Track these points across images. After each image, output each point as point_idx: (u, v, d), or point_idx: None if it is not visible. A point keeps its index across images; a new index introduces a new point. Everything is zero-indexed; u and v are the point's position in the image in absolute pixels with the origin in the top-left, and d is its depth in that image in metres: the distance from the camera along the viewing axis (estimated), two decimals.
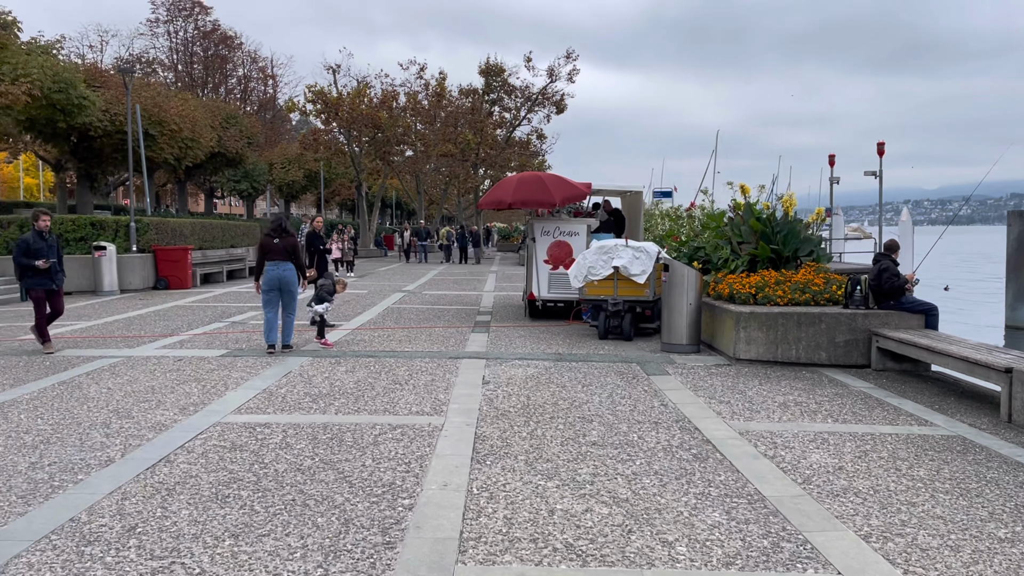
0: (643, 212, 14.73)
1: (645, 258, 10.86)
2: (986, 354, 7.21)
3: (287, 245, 9.84)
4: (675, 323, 9.94)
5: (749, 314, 9.23)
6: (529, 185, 12.60)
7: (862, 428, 6.39)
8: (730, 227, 11.15)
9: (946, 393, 7.89)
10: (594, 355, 9.82)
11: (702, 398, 7.45)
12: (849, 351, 9.16)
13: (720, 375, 8.61)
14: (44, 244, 9.70)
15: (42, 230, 9.73)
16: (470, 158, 42.58)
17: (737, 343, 9.29)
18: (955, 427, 6.48)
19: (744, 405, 7.17)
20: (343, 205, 70.75)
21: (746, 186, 11.17)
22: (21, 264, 9.60)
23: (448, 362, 9.23)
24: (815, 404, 7.25)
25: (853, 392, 7.82)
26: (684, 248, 12.32)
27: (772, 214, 10.86)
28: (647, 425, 6.38)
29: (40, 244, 9.65)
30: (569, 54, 42.87)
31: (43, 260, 9.57)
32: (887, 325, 9.10)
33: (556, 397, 7.39)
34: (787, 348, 9.20)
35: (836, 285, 9.85)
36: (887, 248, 9.60)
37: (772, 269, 10.50)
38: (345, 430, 6.14)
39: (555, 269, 13.00)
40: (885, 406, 7.21)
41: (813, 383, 8.26)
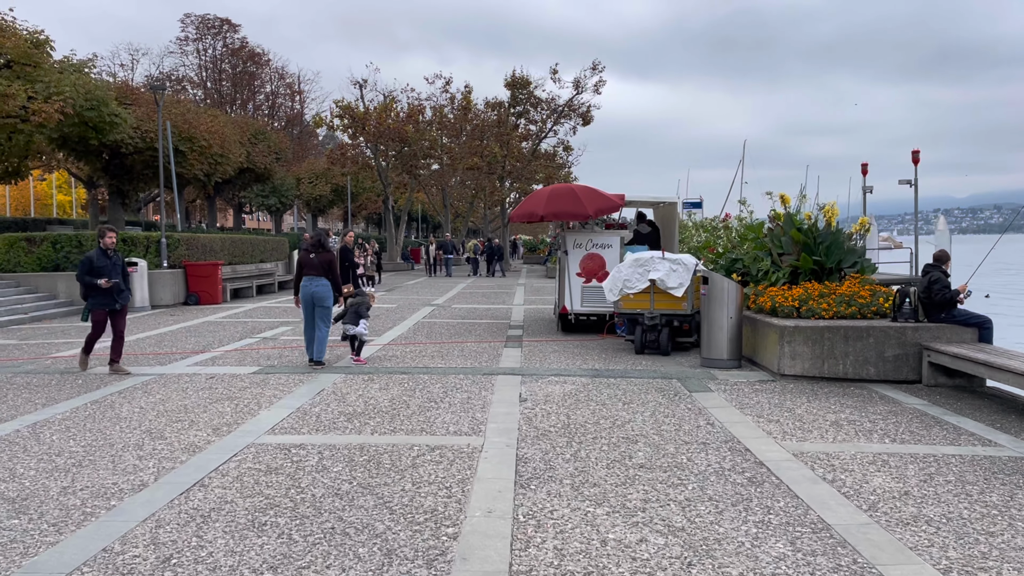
0: (678, 223, 14.47)
1: (682, 271, 10.59)
2: None
3: (322, 261, 9.80)
4: (715, 337, 9.65)
5: (794, 328, 8.92)
6: (561, 197, 12.40)
7: (923, 449, 6.07)
8: (770, 238, 10.85)
9: (1006, 410, 7.53)
10: (632, 371, 9.56)
11: (749, 416, 7.16)
12: (899, 366, 8.82)
13: (765, 392, 8.31)
14: (108, 262, 9.46)
15: (107, 247, 9.49)
16: (496, 171, 42.50)
17: (782, 358, 8.98)
18: (1022, 448, 6.14)
19: (795, 424, 6.87)
20: (369, 219, 71.06)
21: (786, 196, 10.87)
22: (85, 283, 9.37)
23: (483, 378, 9.02)
24: (869, 423, 6.93)
25: (907, 409, 7.49)
26: (721, 260, 12.02)
27: (814, 224, 10.54)
28: (695, 446, 6.12)
29: (104, 262, 9.42)
30: (595, 65, 42.73)
31: (105, 279, 9.34)
32: (939, 339, 8.74)
33: (597, 416, 7.15)
34: (834, 363, 8.88)
35: (883, 297, 9.51)
36: (936, 259, 9.25)
37: (815, 281, 10.18)
38: (382, 451, 5.94)
39: (588, 282, 12.77)
40: (943, 424, 6.88)
41: (864, 400, 7.93)
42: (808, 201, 10.82)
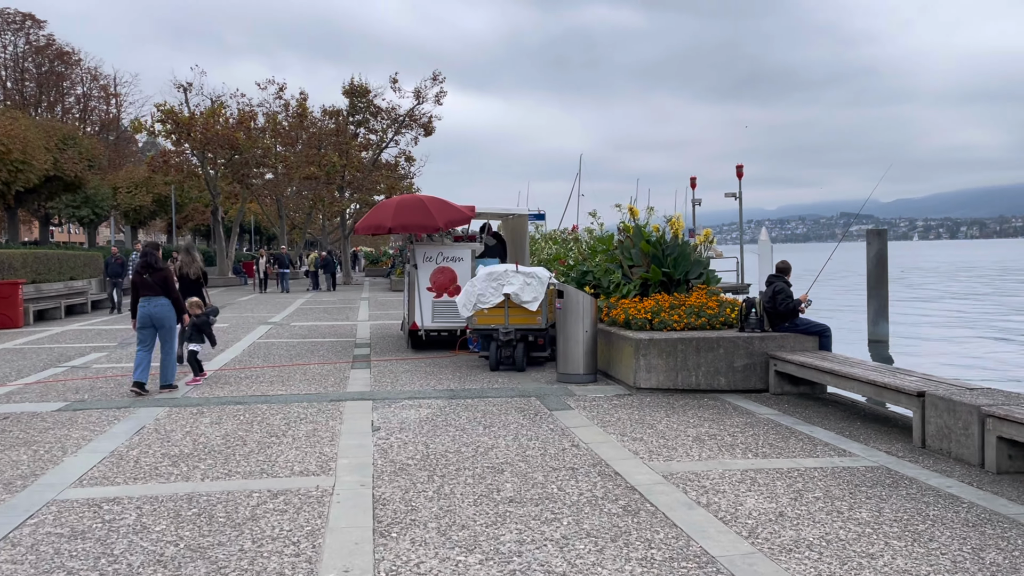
0: (528, 236, 14.29)
1: (537, 284, 10.34)
2: (894, 377, 7.10)
3: (157, 280, 9.18)
4: (571, 352, 9.44)
5: (649, 341, 8.86)
6: (410, 208, 11.85)
7: (785, 463, 6.05)
8: (620, 250, 10.84)
9: (849, 416, 7.76)
10: (489, 389, 9.16)
11: (613, 435, 6.93)
12: (748, 376, 8.96)
13: (624, 407, 8.15)
14: None
15: None
16: (335, 181, 41.06)
17: (637, 371, 8.90)
18: (874, 456, 6.26)
19: (659, 442, 6.70)
20: (197, 231, 66.94)
21: (635, 208, 10.91)
22: None
23: (330, 406, 8.30)
24: (730, 437, 6.88)
25: (761, 420, 7.55)
26: (572, 272, 11.92)
27: (662, 236, 10.63)
28: (564, 472, 5.77)
29: None
30: (436, 76, 42.28)
31: None
32: (784, 348, 8.97)
33: (458, 443, 6.66)
34: (687, 375, 8.89)
35: (730, 308, 9.68)
36: (779, 270, 9.52)
37: (664, 293, 10.24)
38: (215, 502, 5.16)
39: (439, 297, 12.28)
40: (798, 435, 6.95)
41: (719, 412, 7.94)
42: (656, 214, 10.90)
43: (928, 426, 6.39)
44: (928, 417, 6.39)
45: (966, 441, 5.97)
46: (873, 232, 18.00)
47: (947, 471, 5.79)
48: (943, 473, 5.74)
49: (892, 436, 6.93)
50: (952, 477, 5.63)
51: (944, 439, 6.21)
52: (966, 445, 5.97)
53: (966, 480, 5.55)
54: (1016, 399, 6.02)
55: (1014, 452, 5.66)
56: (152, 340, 9.26)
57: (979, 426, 5.83)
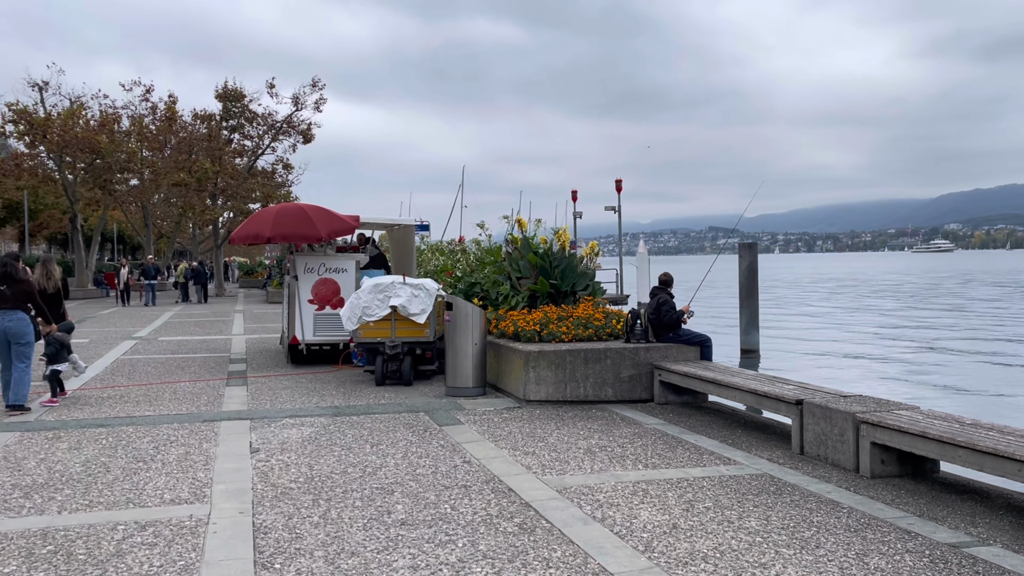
0: (415, 247, 14.04)
1: (424, 296, 10.13)
2: (773, 386, 7.34)
3: (18, 292, 8.55)
4: (460, 365, 9.29)
5: (538, 353, 8.83)
6: (290, 217, 11.38)
7: (675, 473, 6.11)
8: (508, 262, 10.80)
9: (732, 425, 7.98)
10: (376, 405, 8.87)
11: (505, 450, 6.83)
12: (634, 386, 9.08)
13: (515, 420, 8.07)
14: None
15: None
16: (207, 188, 39.25)
17: (527, 384, 8.85)
18: (757, 463, 6.43)
19: (551, 455, 6.64)
20: (53, 239, 62.45)
21: (523, 220, 10.90)
22: None
23: (203, 427, 7.79)
24: (619, 448, 6.92)
25: (648, 431, 7.64)
26: (460, 284, 11.78)
27: (549, 248, 10.66)
28: (457, 491, 5.61)
29: None
30: (315, 83, 41.20)
31: None
32: (667, 358, 9.15)
33: (344, 463, 6.37)
34: (576, 386, 8.92)
35: (616, 319, 9.81)
36: (662, 282, 9.72)
37: (552, 304, 10.27)
38: (75, 537, 4.68)
39: (321, 309, 11.85)
40: (685, 445, 7.07)
41: (608, 423, 7.99)
42: (543, 226, 10.93)
43: (806, 433, 6.64)
44: (806, 424, 6.63)
45: (842, 447, 6.23)
46: (745, 246, 18.81)
47: (825, 477, 6.01)
48: (822, 479, 5.95)
49: (772, 443, 7.16)
50: (831, 483, 5.84)
51: (821, 445, 6.46)
52: (842, 451, 6.23)
53: (843, 485, 5.78)
54: (886, 406, 6.33)
55: (886, 457, 5.94)
56: (6, 356, 8.54)
57: (854, 432, 6.09)
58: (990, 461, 4.94)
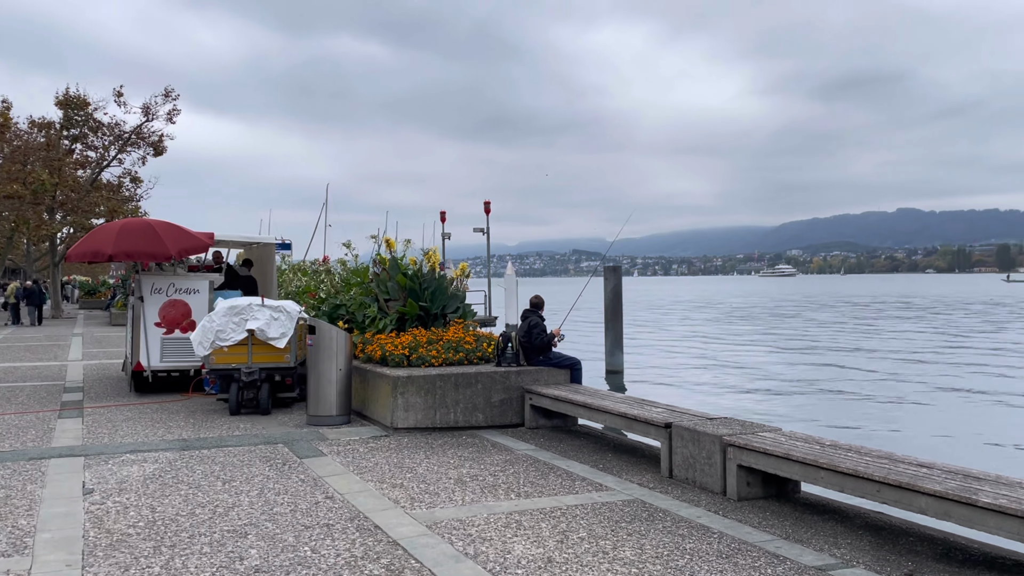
0: (275, 266, 13.34)
1: (285, 319, 9.58)
2: (643, 409, 7.36)
3: None
4: (324, 392, 8.82)
5: (407, 378, 8.51)
6: (136, 234, 10.52)
7: (548, 502, 5.96)
8: (376, 283, 10.42)
9: (603, 449, 7.95)
10: (229, 437, 8.25)
11: (371, 483, 6.46)
12: (504, 410, 8.92)
13: (382, 450, 7.70)
14: None
15: None
16: (44, 201, 36.23)
17: (395, 410, 8.50)
18: (628, 488, 6.39)
19: (420, 487, 6.34)
20: None
21: (392, 240, 10.56)
22: None
23: (28, 466, 6.95)
24: (491, 477, 6.70)
25: (520, 457, 7.48)
26: (324, 306, 11.27)
27: (419, 269, 10.38)
28: (318, 531, 5.20)
29: None
30: (168, 92, 38.96)
31: None
32: (538, 382, 9.06)
33: (192, 504, 5.81)
34: (446, 412, 8.66)
35: (487, 342, 9.64)
36: (533, 304, 9.65)
37: (421, 327, 9.98)
38: None
39: (169, 333, 11.00)
40: (557, 471, 6.95)
41: (479, 450, 7.77)
42: (413, 246, 10.64)
43: (675, 456, 6.67)
44: (675, 447, 6.66)
45: (710, 470, 6.28)
46: (610, 269, 19.22)
47: (695, 500, 6.03)
48: (692, 503, 5.96)
49: (642, 467, 7.16)
50: (700, 506, 5.86)
51: (690, 468, 6.50)
52: (710, 474, 6.28)
53: (712, 508, 5.80)
54: (751, 428, 6.46)
55: (752, 479, 6.03)
56: None
57: (721, 455, 6.16)
58: (850, 482, 5.07)
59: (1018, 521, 4.06)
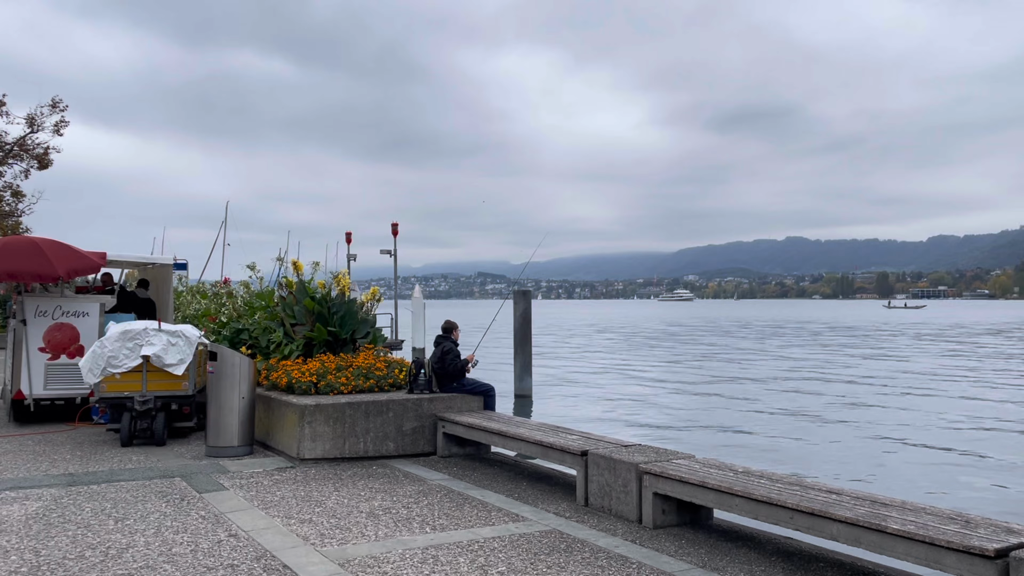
0: (172, 288, 12.70)
1: (184, 344, 9.11)
2: (558, 436, 7.33)
3: None
4: (225, 421, 8.40)
5: (315, 406, 8.21)
6: (19, 253, 9.80)
7: (464, 535, 5.82)
8: (282, 307, 10.05)
9: (517, 477, 7.86)
10: (121, 471, 7.73)
11: (278, 518, 6.16)
12: (416, 439, 8.73)
13: (288, 482, 7.38)
14: None
15: None
16: None
17: (302, 440, 8.18)
18: (545, 518, 6.32)
19: (330, 522, 6.09)
20: None
21: (299, 263, 10.24)
22: None
23: None
24: (405, 509, 6.51)
25: (434, 488, 7.30)
26: (225, 331, 10.80)
27: (327, 293, 10.09)
28: (222, 572, 4.90)
29: None
30: (55, 103, 37.01)
31: None
32: (452, 409, 8.92)
33: (81, 545, 5.38)
34: (355, 442, 8.40)
35: (398, 368, 9.44)
36: (445, 329, 9.52)
37: (330, 353, 9.68)
38: None
39: (55, 358, 10.29)
40: (472, 502, 6.81)
41: (390, 480, 7.55)
42: (321, 269, 10.34)
43: (591, 484, 6.65)
44: (591, 476, 6.64)
45: (625, 498, 6.29)
46: (519, 293, 19.28)
47: (611, 529, 6.01)
48: (608, 532, 5.94)
49: (558, 495, 7.11)
50: (617, 536, 5.84)
51: (606, 497, 6.49)
52: (626, 502, 6.29)
53: (629, 538, 5.80)
54: (665, 455, 6.51)
55: (667, 507, 6.07)
56: None
57: (637, 483, 6.18)
58: (764, 509, 5.16)
59: (924, 546, 4.21)
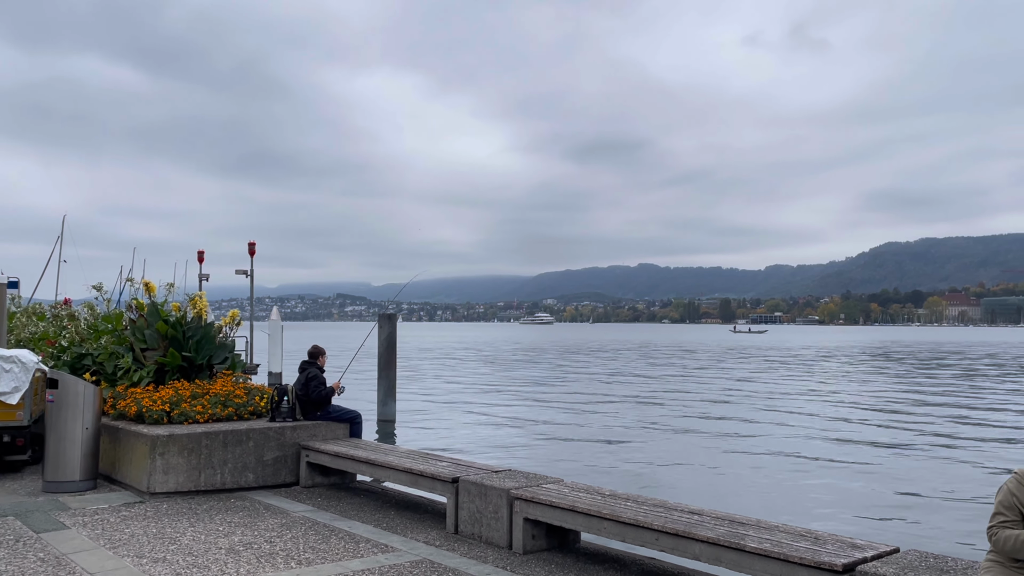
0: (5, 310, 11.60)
1: (19, 371, 8.36)
2: (428, 464, 7.27)
3: None
4: (66, 454, 7.77)
5: (168, 437, 7.75)
6: None
7: (332, 569, 5.65)
8: (132, 331, 9.43)
9: (385, 507, 7.72)
10: None
11: (127, 558, 5.75)
12: (278, 469, 8.41)
13: (138, 518, 6.91)
14: None
15: None
16: None
17: (153, 473, 7.69)
18: (415, 548, 6.24)
19: (186, 560, 5.74)
20: None
21: (151, 284, 9.64)
22: None
23: None
24: (268, 544, 6.24)
25: (298, 520, 7.05)
26: (65, 355, 10.00)
27: (182, 316, 9.57)
28: None
29: None
30: None
31: None
32: (316, 437, 8.66)
33: None
34: (212, 473, 7.98)
35: (259, 396, 9.08)
36: (311, 355, 9.25)
37: (185, 380, 9.18)
38: None
39: None
40: (339, 533, 6.63)
41: (251, 514, 7.22)
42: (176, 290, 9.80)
43: (462, 512, 6.63)
44: (462, 503, 6.63)
45: (496, 524, 6.31)
46: (384, 316, 19.03)
47: (482, 556, 6.02)
48: (479, 559, 5.94)
49: (427, 523, 7.04)
50: (488, 563, 5.85)
51: (476, 523, 6.49)
52: (496, 528, 6.31)
53: (500, 564, 5.82)
54: (535, 480, 6.59)
55: (536, 532, 6.14)
56: None
57: (508, 509, 6.22)
58: (631, 531, 5.33)
59: (779, 563, 4.48)
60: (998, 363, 50.48)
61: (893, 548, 4.53)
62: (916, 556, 4.38)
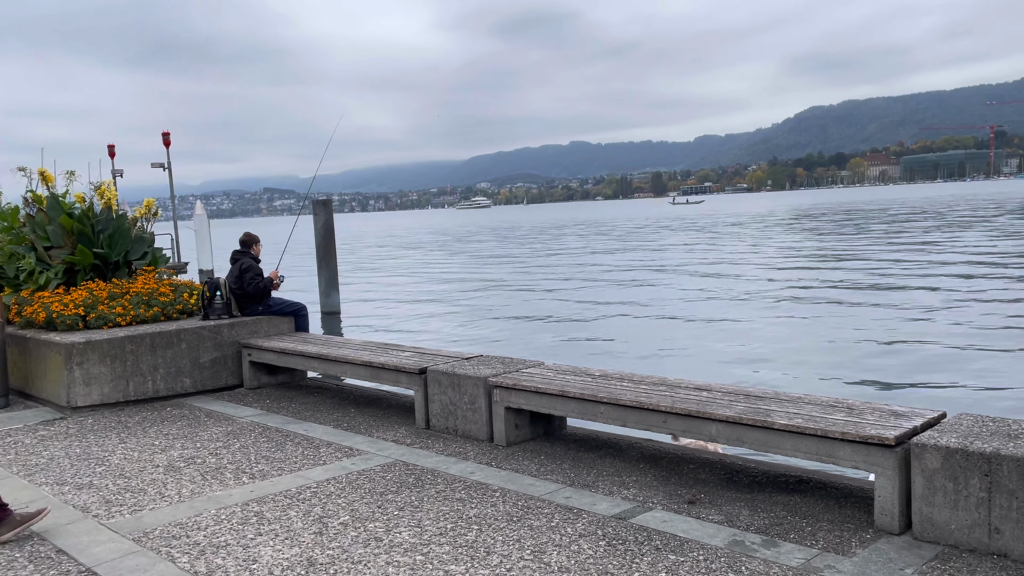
0: None
1: None
2: (389, 355, 6.48)
3: None
4: None
5: (86, 344, 6.76)
6: None
7: (292, 480, 4.90)
8: (31, 228, 8.21)
9: (343, 404, 6.97)
10: None
11: (46, 486, 4.90)
12: (218, 372, 7.55)
13: (58, 438, 6.01)
14: None
15: None
16: None
17: (72, 385, 6.74)
18: (384, 448, 5.53)
19: (118, 484, 4.92)
20: None
21: (48, 173, 8.36)
22: None
23: None
24: (213, 457, 5.45)
25: (246, 427, 6.26)
26: None
27: (90, 208, 8.37)
28: None
29: None
30: None
31: None
32: (257, 334, 7.78)
33: None
34: (142, 381, 7.07)
35: (188, 292, 8.08)
36: (243, 243, 8.22)
37: (100, 280, 8.09)
38: None
39: None
40: (294, 439, 5.87)
41: (191, 423, 6.40)
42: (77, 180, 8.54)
43: (432, 405, 5.91)
44: (432, 395, 5.90)
45: (473, 416, 5.63)
46: (320, 203, 17.79)
47: (462, 453, 5.35)
48: (459, 456, 5.27)
49: (392, 420, 6.33)
50: (469, 459, 5.19)
51: (450, 417, 5.80)
52: (473, 420, 5.63)
53: (483, 460, 5.16)
54: (514, 365, 5.88)
55: (520, 421, 5.48)
56: None
57: (487, 399, 5.52)
58: (634, 415, 4.68)
59: (816, 440, 3.89)
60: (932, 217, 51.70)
61: (940, 413, 3.97)
62: (972, 421, 3.82)
